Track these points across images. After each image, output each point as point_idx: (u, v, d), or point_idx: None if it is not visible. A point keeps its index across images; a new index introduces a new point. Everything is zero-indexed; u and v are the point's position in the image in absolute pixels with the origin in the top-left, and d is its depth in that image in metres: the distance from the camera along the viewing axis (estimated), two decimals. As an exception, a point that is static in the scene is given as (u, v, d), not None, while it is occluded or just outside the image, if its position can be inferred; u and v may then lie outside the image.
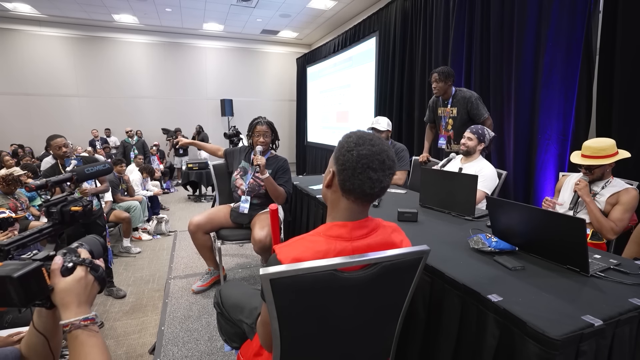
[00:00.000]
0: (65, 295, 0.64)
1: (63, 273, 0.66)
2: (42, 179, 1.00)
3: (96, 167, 0.94)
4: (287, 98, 9.78)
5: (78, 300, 0.65)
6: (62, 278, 0.65)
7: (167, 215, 4.42)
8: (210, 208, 2.61)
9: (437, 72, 2.83)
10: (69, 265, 0.66)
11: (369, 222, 0.92)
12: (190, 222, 2.47)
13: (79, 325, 0.63)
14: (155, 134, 8.21)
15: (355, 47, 6.07)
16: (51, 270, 0.65)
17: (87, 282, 0.67)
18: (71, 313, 0.63)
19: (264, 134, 2.44)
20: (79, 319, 0.63)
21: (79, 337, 0.62)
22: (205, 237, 2.52)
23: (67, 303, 0.64)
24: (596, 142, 1.83)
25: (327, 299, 0.85)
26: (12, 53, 7.43)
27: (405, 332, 1.18)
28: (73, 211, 0.77)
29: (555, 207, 1.95)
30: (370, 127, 2.92)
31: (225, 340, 1.34)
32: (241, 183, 2.49)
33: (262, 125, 2.46)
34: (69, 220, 0.77)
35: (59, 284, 0.65)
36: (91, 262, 0.69)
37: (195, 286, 2.61)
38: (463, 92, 2.80)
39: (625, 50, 2.19)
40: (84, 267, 0.68)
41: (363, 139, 0.86)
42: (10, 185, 2.81)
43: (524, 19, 2.79)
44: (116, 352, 1.96)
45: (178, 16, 7.24)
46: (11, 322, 1.53)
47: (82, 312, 0.65)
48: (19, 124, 7.58)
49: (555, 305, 0.94)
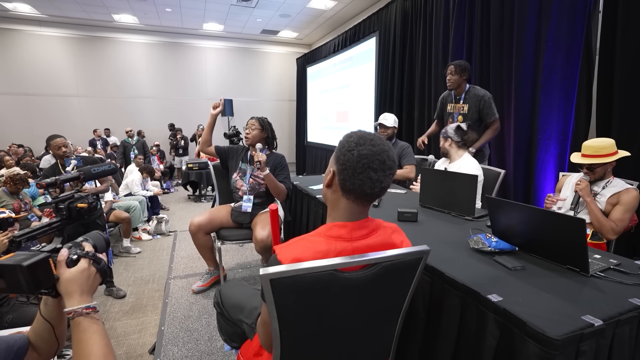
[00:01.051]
0: (69, 285, 0.69)
1: (68, 264, 0.71)
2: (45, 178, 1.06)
3: (102, 167, 0.98)
4: (287, 98, 9.78)
5: (81, 289, 0.70)
6: (67, 269, 0.70)
7: (167, 215, 4.42)
8: (211, 208, 2.61)
9: (454, 65, 2.78)
10: (74, 257, 0.72)
11: (369, 223, 0.92)
12: (191, 223, 2.47)
13: (81, 313, 0.67)
14: (155, 134, 8.21)
15: (355, 47, 6.07)
16: (57, 261, 0.70)
17: (89, 273, 0.72)
18: (74, 301, 0.68)
19: (251, 126, 2.46)
20: (82, 307, 0.68)
21: (82, 324, 0.67)
22: (206, 238, 2.52)
23: (71, 292, 0.69)
24: (596, 141, 1.84)
25: (327, 299, 0.85)
26: (12, 53, 7.43)
27: (405, 333, 1.18)
28: (79, 207, 0.83)
29: (558, 203, 1.95)
30: (378, 122, 2.93)
31: (225, 340, 1.34)
32: (242, 184, 2.49)
33: (252, 119, 2.50)
34: (75, 216, 0.84)
35: (64, 274, 0.69)
36: (94, 254, 0.75)
37: (195, 286, 2.61)
38: (477, 90, 2.76)
39: (625, 50, 2.19)
40: (88, 260, 0.73)
41: (364, 138, 0.86)
42: (18, 184, 2.82)
43: (524, 19, 2.79)
44: (116, 352, 1.96)
45: (178, 16, 7.24)
46: (11, 322, 1.53)
47: (85, 300, 0.69)
48: (19, 124, 7.58)
49: (555, 305, 0.94)
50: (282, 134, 9.79)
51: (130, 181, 4.34)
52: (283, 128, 9.74)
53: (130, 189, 4.31)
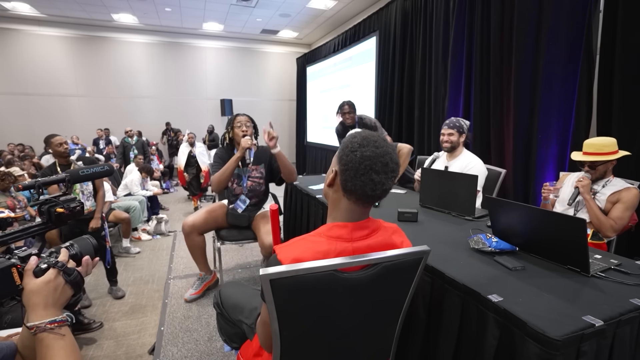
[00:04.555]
0: (32, 296, 0.64)
1: (36, 274, 0.65)
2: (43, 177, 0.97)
3: (93, 169, 0.90)
4: (287, 98, 9.77)
5: (45, 302, 0.64)
6: (33, 279, 0.65)
7: (167, 215, 4.41)
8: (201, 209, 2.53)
9: (348, 105, 3.23)
10: (43, 266, 0.66)
11: (369, 223, 0.92)
12: (184, 223, 2.39)
13: (45, 328, 0.62)
14: (155, 134, 8.21)
15: (355, 46, 6.07)
16: (25, 270, 0.65)
17: (56, 284, 0.66)
18: (37, 315, 0.63)
19: (246, 123, 2.33)
20: (45, 322, 0.62)
21: (44, 340, 0.62)
22: (200, 239, 2.45)
23: (34, 304, 0.64)
24: (598, 139, 1.84)
25: (327, 300, 0.85)
26: (11, 53, 7.42)
27: (405, 332, 1.18)
28: (58, 212, 0.77)
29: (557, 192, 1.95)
30: None
31: (225, 341, 1.34)
32: (240, 190, 2.41)
33: (242, 116, 2.36)
34: (55, 221, 0.77)
35: (28, 284, 0.64)
36: (63, 265, 0.68)
37: (188, 295, 2.49)
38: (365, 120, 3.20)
39: (626, 50, 2.19)
40: (56, 270, 0.67)
41: (367, 140, 0.85)
42: (4, 181, 2.82)
43: (524, 19, 2.78)
44: (116, 353, 1.96)
45: (178, 16, 7.23)
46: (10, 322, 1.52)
47: (49, 314, 0.64)
48: (19, 124, 7.57)
49: (555, 305, 0.94)
50: (282, 134, 9.76)
51: (130, 181, 4.33)
52: (283, 128, 9.73)
53: (129, 189, 4.31)
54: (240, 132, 2.30)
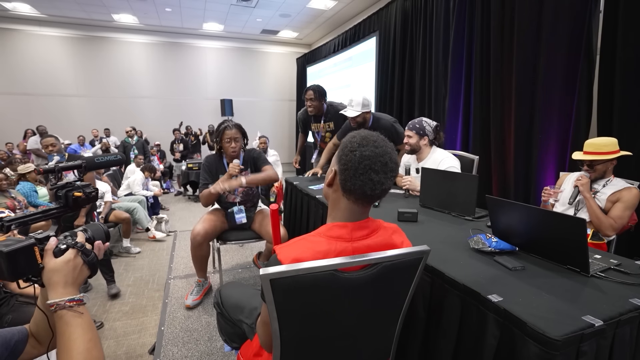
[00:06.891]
0: (53, 275, 0.67)
1: (56, 254, 0.68)
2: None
3: (107, 157, 0.94)
4: (287, 98, 9.77)
5: (65, 280, 0.67)
6: (53, 258, 0.68)
7: (167, 215, 4.41)
8: (205, 214, 2.47)
9: (312, 90, 3.03)
10: (62, 246, 0.69)
11: (369, 223, 0.92)
12: (196, 233, 2.29)
13: (64, 306, 0.65)
14: (155, 134, 8.20)
15: (355, 47, 6.07)
16: (45, 250, 0.68)
17: (75, 264, 0.69)
18: (57, 293, 0.66)
19: (235, 139, 2.22)
20: (64, 300, 0.65)
21: (64, 317, 0.64)
22: (208, 248, 2.44)
23: (54, 283, 0.66)
24: (598, 139, 1.85)
25: (327, 299, 0.85)
26: (12, 53, 7.42)
27: (405, 332, 1.18)
28: (76, 196, 0.81)
29: (555, 196, 1.95)
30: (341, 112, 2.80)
31: (225, 341, 1.34)
32: (234, 197, 2.42)
33: (231, 130, 2.21)
34: (72, 205, 0.81)
35: (48, 263, 0.67)
36: (82, 245, 0.72)
37: (190, 301, 2.42)
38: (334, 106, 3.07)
39: (626, 50, 2.19)
40: (75, 250, 0.70)
41: (367, 139, 0.86)
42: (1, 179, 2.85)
43: (524, 19, 2.78)
44: (116, 353, 1.96)
45: (178, 16, 7.23)
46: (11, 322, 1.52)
47: (68, 292, 0.67)
48: (19, 124, 7.57)
49: (555, 305, 0.94)
50: (282, 134, 9.79)
51: (132, 181, 4.33)
52: (283, 128, 9.73)
53: (131, 189, 4.31)
54: (230, 148, 2.23)
